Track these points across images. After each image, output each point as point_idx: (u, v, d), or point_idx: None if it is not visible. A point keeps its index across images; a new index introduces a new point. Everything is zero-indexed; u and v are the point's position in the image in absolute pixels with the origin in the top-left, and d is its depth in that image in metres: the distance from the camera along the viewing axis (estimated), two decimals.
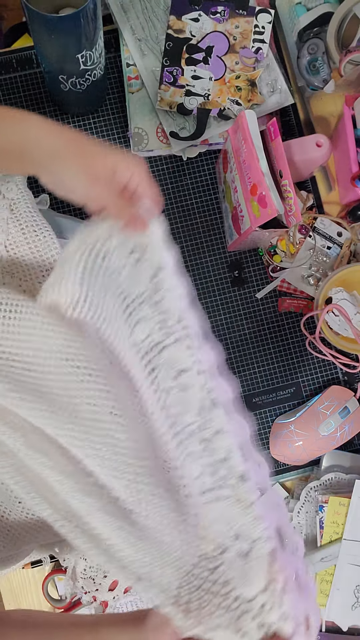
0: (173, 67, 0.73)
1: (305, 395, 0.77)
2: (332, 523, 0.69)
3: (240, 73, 0.74)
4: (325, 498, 0.69)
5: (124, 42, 0.74)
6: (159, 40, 0.74)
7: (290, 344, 0.77)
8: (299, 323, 0.77)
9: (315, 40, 0.73)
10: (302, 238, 0.75)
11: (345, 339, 0.74)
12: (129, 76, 0.75)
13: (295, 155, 0.70)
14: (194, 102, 0.73)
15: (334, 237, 0.77)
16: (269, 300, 0.77)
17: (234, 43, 0.74)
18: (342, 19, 0.72)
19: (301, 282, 0.77)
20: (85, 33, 0.59)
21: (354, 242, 0.77)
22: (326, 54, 0.73)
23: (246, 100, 0.74)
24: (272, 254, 0.75)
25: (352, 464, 0.74)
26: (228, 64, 0.74)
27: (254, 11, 0.73)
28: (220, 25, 0.73)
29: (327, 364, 0.78)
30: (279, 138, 0.63)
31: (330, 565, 0.68)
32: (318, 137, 0.70)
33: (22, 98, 0.75)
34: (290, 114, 0.78)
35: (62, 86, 0.67)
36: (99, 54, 0.65)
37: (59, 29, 0.57)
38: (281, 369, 0.77)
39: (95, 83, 0.68)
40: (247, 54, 0.74)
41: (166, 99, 0.73)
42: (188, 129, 0.74)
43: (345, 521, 0.69)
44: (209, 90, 0.73)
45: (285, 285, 0.77)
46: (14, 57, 0.75)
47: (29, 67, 0.76)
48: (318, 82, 0.74)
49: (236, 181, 0.68)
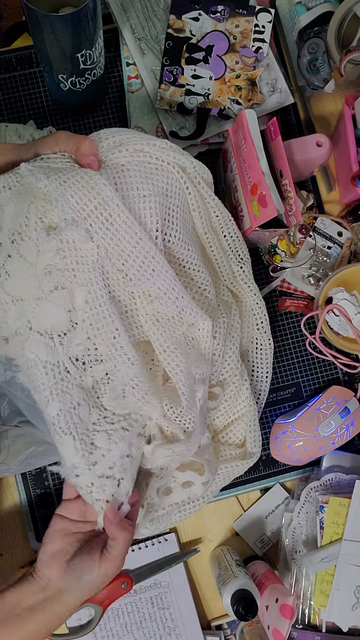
0: (173, 67, 0.73)
1: (305, 395, 0.77)
2: (332, 523, 0.69)
3: (240, 72, 0.74)
4: (326, 498, 0.69)
5: (124, 41, 0.74)
6: (159, 39, 0.74)
7: (290, 344, 0.77)
8: (299, 323, 0.77)
9: (315, 40, 0.73)
10: (303, 238, 0.75)
11: (345, 339, 0.73)
12: (129, 75, 0.75)
13: (296, 155, 0.70)
14: (194, 102, 0.73)
15: (334, 237, 0.77)
16: (269, 300, 0.77)
17: (234, 42, 0.73)
18: (343, 19, 0.72)
19: (301, 282, 0.77)
20: (85, 32, 0.59)
21: (354, 241, 0.77)
22: (326, 54, 0.73)
23: (246, 100, 0.74)
24: (272, 253, 0.75)
25: (352, 464, 0.74)
26: (228, 64, 0.74)
27: (254, 10, 0.73)
28: (221, 24, 0.73)
29: (328, 364, 0.77)
30: (279, 137, 0.63)
31: (330, 565, 0.68)
32: (318, 137, 0.70)
33: (22, 97, 0.75)
34: (290, 113, 0.78)
35: (61, 85, 0.67)
36: (99, 53, 0.65)
37: (59, 28, 0.57)
38: (281, 369, 0.77)
39: (95, 82, 0.68)
40: (247, 53, 0.74)
41: (166, 98, 0.73)
42: (188, 128, 0.74)
43: (346, 521, 0.69)
44: (209, 89, 0.73)
45: (285, 285, 0.77)
46: (13, 56, 0.75)
47: (28, 66, 0.75)
48: (318, 81, 0.74)
49: (236, 181, 0.68)
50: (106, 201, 0.50)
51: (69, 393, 0.52)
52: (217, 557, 0.73)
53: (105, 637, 0.71)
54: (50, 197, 0.50)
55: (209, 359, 0.62)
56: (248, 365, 0.71)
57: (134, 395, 0.55)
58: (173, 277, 0.55)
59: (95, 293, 0.52)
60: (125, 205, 0.51)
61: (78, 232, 0.50)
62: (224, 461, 0.67)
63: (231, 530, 0.76)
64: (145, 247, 0.52)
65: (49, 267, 0.51)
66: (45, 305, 0.52)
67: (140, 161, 0.55)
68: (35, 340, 0.52)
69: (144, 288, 0.54)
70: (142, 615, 0.71)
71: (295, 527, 0.71)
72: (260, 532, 0.75)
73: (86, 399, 0.53)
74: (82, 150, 0.53)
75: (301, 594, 0.70)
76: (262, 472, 0.75)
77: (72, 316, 0.52)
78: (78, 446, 0.52)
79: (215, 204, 0.64)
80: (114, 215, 0.51)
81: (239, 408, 0.67)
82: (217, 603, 0.74)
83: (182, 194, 0.59)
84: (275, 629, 0.66)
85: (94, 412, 0.54)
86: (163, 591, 0.72)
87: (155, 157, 0.56)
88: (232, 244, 0.67)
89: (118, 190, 0.52)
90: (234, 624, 0.74)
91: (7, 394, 0.62)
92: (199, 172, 0.60)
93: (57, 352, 0.52)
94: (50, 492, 0.72)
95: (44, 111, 0.75)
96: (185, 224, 0.60)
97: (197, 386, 0.58)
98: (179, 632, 0.71)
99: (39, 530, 0.71)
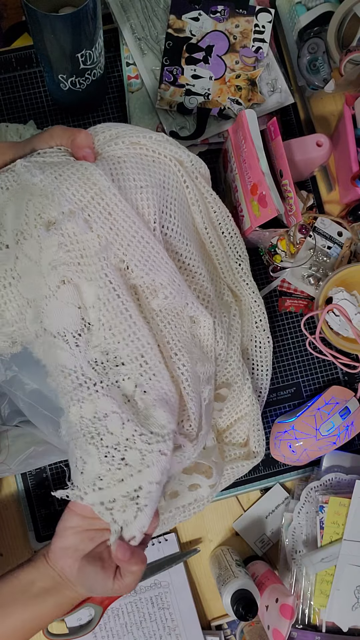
0: (173, 67, 0.73)
1: (305, 395, 0.77)
2: (332, 523, 0.69)
3: (240, 72, 0.74)
4: (326, 498, 0.69)
5: (124, 41, 0.74)
6: (159, 39, 0.74)
7: (290, 344, 0.77)
8: (299, 323, 0.77)
9: (315, 40, 0.73)
10: (303, 238, 0.75)
11: (345, 339, 0.73)
12: (129, 75, 0.75)
13: (296, 155, 0.70)
14: (194, 102, 0.73)
15: (334, 237, 0.77)
16: (269, 300, 0.77)
17: (234, 42, 0.73)
18: (343, 19, 0.72)
19: (301, 282, 0.77)
20: (85, 32, 0.59)
21: (354, 241, 0.77)
22: (326, 54, 0.73)
23: (246, 100, 0.74)
24: (272, 253, 0.75)
25: (352, 464, 0.74)
26: (228, 63, 0.73)
27: (254, 10, 0.73)
28: (221, 24, 0.73)
29: (328, 364, 0.77)
30: (279, 137, 0.63)
31: (330, 565, 0.68)
32: (318, 137, 0.70)
33: (22, 97, 0.75)
34: (290, 113, 0.78)
35: (61, 85, 0.67)
36: (99, 53, 0.65)
37: (59, 28, 0.57)
38: (281, 369, 0.77)
39: (95, 82, 0.68)
40: (247, 53, 0.74)
41: (166, 98, 0.73)
42: (188, 128, 0.74)
43: (346, 521, 0.69)
44: (209, 89, 0.73)
45: (285, 285, 0.77)
46: (13, 56, 0.75)
47: (28, 66, 0.75)
48: (318, 81, 0.74)
49: (236, 180, 0.68)
50: (103, 191, 0.50)
51: (91, 400, 0.49)
52: (217, 557, 0.73)
53: (105, 637, 0.71)
54: (47, 192, 0.49)
55: (211, 357, 0.60)
56: (248, 364, 0.71)
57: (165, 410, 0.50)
58: (174, 269, 0.53)
59: (107, 286, 0.49)
60: (122, 195, 0.51)
61: (77, 223, 0.49)
62: (229, 461, 0.66)
63: (231, 530, 0.76)
64: (145, 237, 0.51)
65: (54, 262, 0.49)
66: (53, 303, 0.49)
67: (136, 153, 0.55)
68: (50, 342, 0.50)
69: (147, 280, 0.52)
70: (142, 615, 0.71)
71: (295, 527, 0.71)
72: (260, 532, 0.75)
73: (117, 411, 0.48)
74: (78, 143, 0.53)
75: (301, 594, 0.70)
76: (262, 472, 0.75)
77: (83, 314, 0.50)
78: (103, 459, 0.48)
79: (213, 200, 0.63)
80: (112, 205, 0.50)
81: (241, 407, 0.67)
82: (217, 603, 0.74)
83: (180, 188, 0.58)
84: (275, 629, 0.66)
85: (128, 426, 0.48)
86: (163, 591, 0.72)
87: (151, 149, 0.56)
88: (230, 241, 0.67)
89: (114, 181, 0.52)
90: (234, 624, 0.74)
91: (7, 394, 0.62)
92: (196, 166, 0.60)
93: (75, 355, 0.49)
94: (50, 492, 0.72)
95: (44, 111, 0.75)
96: (184, 218, 0.59)
97: (202, 386, 0.57)
98: (179, 632, 0.71)
99: (39, 530, 0.71)
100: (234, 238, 0.67)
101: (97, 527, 0.50)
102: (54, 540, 0.50)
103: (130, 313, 0.49)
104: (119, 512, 0.48)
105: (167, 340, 0.53)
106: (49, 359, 0.51)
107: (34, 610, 0.49)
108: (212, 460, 0.60)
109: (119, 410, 0.48)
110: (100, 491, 0.48)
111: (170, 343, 0.53)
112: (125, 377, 0.50)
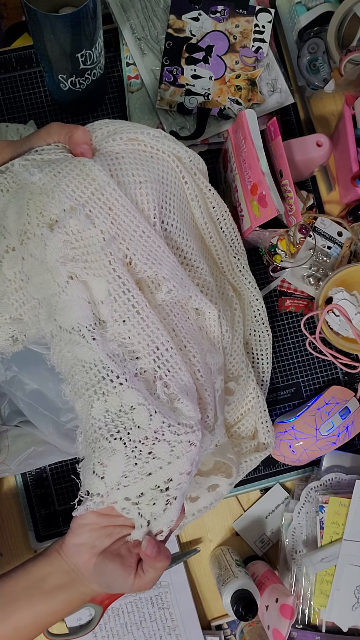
0: (173, 67, 0.73)
1: (305, 395, 0.77)
2: (332, 523, 0.69)
3: (240, 72, 0.74)
4: (326, 498, 0.69)
5: (124, 41, 0.74)
6: (159, 39, 0.74)
7: (290, 344, 0.77)
8: (299, 323, 0.77)
9: (315, 40, 0.73)
10: (303, 238, 0.75)
11: (345, 339, 0.73)
12: (129, 75, 0.75)
13: (296, 155, 0.70)
14: (194, 102, 0.73)
15: (334, 237, 0.77)
16: (269, 300, 0.77)
17: (234, 42, 0.73)
18: (343, 19, 0.72)
19: (301, 282, 0.77)
20: (85, 32, 0.59)
21: (354, 241, 0.77)
22: (326, 54, 0.73)
23: (246, 100, 0.74)
24: (272, 253, 0.75)
25: (352, 464, 0.74)
26: (228, 63, 0.74)
27: (254, 10, 0.73)
28: (221, 24, 0.73)
29: (328, 364, 0.77)
30: (279, 137, 0.63)
31: (330, 565, 0.68)
32: (318, 137, 0.70)
33: (22, 97, 0.75)
34: (290, 113, 0.78)
35: (61, 85, 0.67)
36: (99, 53, 0.65)
37: (59, 28, 0.57)
38: (281, 369, 0.77)
39: (94, 82, 0.68)
40: (247, 53, 0.74)
41: (166, 98, 0.73)
42: (188, 128, 0.74)
43: (346, 521, 0.69)
44: (209, 89, 0.73)
45: (285, 285, 0.77)
46: (13, 56, 0.75)
47: (28, 66, 0.76)
48: (318, 81, 0.74)
49: (236, 180, 0.68)
50: (102, 187, 0.50)
51: (116, 393, 0.48)
52: (217, 557, 0.73)
53: (105, 637, 0.71)
54: (47, 190, 0.49)
55: (219, 348, 0.60)
56: (249, 357, 0.71)
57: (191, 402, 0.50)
58: (175, 262, 0.54)
59: (116, 281, 0.49)
60: (122, 190, 0.51)
61: (79, 219, 0.48)
62: (242, 455, 0.66)
63: (231, 530, 0.76)
64: (146, 232, 0.51)
65: (61, 259, 0.49)
66: (64, 298, 0.49)
67: (134, 149, 0.55)
68: (67, 339, 0.49)
69: (150, 273, 0.52)
70: (142, 615, 0.71)
71: (295, 527, 0.71)
72: (260, 532, 0.75)
73: (144, 403, 0.48)
74: (75, 139, 0.53)
75: (301, 594, 0.70)
76: (262, 472, 0.75)
77: (93, 309, 0.49)
78: (130, 453, 0.47)
79: (211, 195, 0.64)
80: (112, 200, 0.50)
81: (247, 400, 0.67)
82: (217, 603, 0.74)
83: (179, 184, 0.58)
84: (275, 629, 0.66)
85: (155, 418, 0.47)
86: (163, 591, 0.72)
87: (150, 145, 0.56)
88: (228, 236, 0.67)
89: (113, 176, 0.52)
90: (234, 624, 0.74)
91: (7, 394, 0.62)
92: (194, 162, 0.60)
93: (93, 348, 0.48)
94: (50, 491, 0.72)
95: (44, 111, 0.75)
96: (183, 213, 0.59)
97: (214, 377, 0.56)
98: (179, 632, 0.71)
99: (39, 530, 0.71)
100: (232, 233, 0.67)
101: (115, 524, 0.49)
102: (68, 536, 0.49)
103: (142, 307, 0.49)
104: (148, 505, 0.48)
105: (176, 333, 0.53)
106: (66, 359, 0.50)
107: (44, 606, 0.48)
108: (228, 456, 0.60)
109: (145, 402, 0.47)
110: (125, 488, 0.48)
111: (179, 335, 0.53)
112: (143, 371, 0.50)
